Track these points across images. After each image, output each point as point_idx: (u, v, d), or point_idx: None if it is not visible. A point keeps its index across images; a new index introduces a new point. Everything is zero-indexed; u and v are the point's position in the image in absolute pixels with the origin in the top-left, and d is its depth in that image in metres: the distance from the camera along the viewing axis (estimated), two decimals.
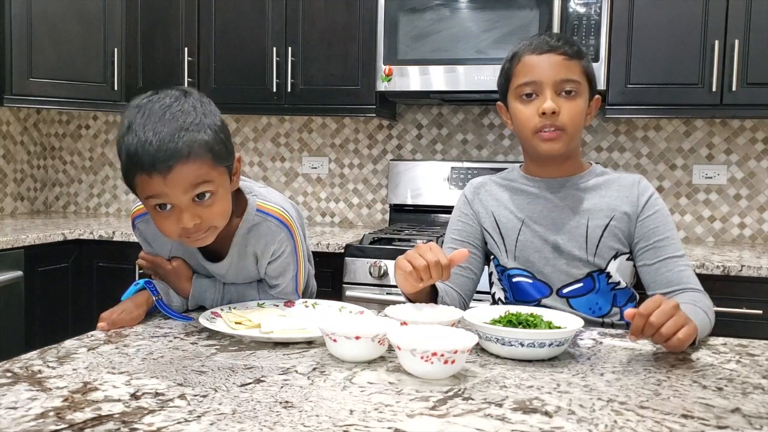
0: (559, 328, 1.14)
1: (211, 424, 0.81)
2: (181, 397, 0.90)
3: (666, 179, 2.89)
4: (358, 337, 1.05)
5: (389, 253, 2.46)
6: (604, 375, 1.03)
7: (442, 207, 3.00)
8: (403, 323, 1.16)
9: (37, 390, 0.92)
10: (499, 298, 1.54)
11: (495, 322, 1.17)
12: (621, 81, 2.54)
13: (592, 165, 1.50)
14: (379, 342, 1.07)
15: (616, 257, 1.43)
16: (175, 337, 1.20)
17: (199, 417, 0.83)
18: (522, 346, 1.08)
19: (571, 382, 1.00)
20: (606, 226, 1.43)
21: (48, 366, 1.02)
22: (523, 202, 1.49)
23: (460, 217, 1.56)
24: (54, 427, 0.79)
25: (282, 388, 0.94)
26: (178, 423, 0.81)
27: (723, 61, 2.45)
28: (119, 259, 2.75)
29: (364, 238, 2.58)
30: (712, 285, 1.52)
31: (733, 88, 2.43)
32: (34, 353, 1.08)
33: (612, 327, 1.42)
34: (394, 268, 1.29)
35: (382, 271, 2.44)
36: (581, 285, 1.44)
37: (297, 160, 3.30)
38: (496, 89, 1.51)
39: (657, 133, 2.89)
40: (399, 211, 3.09)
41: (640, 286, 1.48)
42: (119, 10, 3.03)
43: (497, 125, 3.06)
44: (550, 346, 1.09)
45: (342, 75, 2.82)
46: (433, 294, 1.38)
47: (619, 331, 1.31)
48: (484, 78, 2.58)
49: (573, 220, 1.44)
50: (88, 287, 2.82)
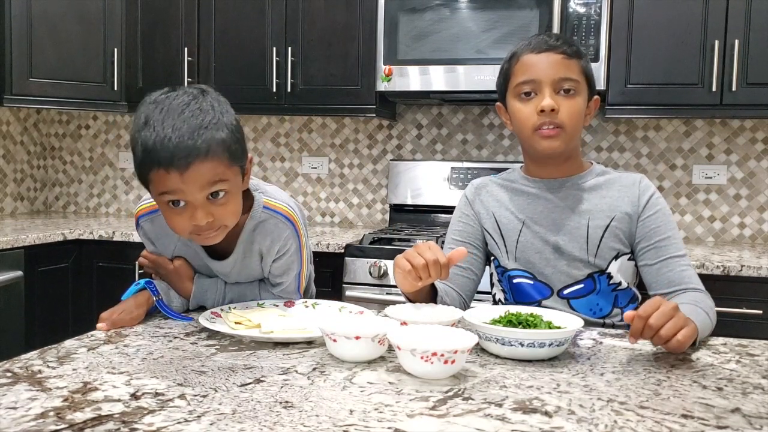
0: (559, 328, 1.14)
1: (211, 424, 0.81)
2: (181, 397, 0.90)
3: (666, 179, 2.89)
4: (358, 337, 1.05)
5: (389, 253, 2.46)
6: (604, 375, 1.03)
7: (442, 207, 3.00)
8: (403, 323, 1.16)
9: (37, 390, 0.92)
10: (500, 299, 1.54)
11: (495, 322, 1.17)
12: (621, 81, 2.54)
13: (592, 165, 1.50)
14: (379, 342, 1.07)
15: (617, 258, 1.43)
16: (175, 337, 1.20)
17: (199, 417, 0.83)
18: (522, 346, 1.08)
19: (571, 382, 1.00)
20: (607, 226, 1.42)
21: (48, 366, 1.02)
22: (523, 203, 1.49)
23: (460, 218, 1.56)
24: (54, 427, 0.79)
25: (282, 388, 0.94)
26: (178, 423, 0.81)
27: (723, 61, 2.45)
28: (119, 259, 2.75)
29: (364, 238, 2.58)
30: (712, 285, 1.51)
31: (733, 88, 2.43)
32: (34, 353, 1.08)
33: (613, 328, 1.42)
34: (393, 267, 1.29)
35: (382, 271, 2.44)
36: (582, 286, 1.43)
37: (297, 160, 3.30)
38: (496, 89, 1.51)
39: (657, 133, 2.89)
40: (399, 211, 3.09)
41: (643, 287, 1.48)
42: (119, 10, 3.03)
43: (497, 125, 3.06)
44: (550, 346, 1.09)
45: (342, 75, 2.82)
46: (432, 294, 1.38)
47: (619, 331, 1.31)
48: (484, 78, 2.58)
49: (574, 220, 1.44)
50: (88, 287, 2.82)
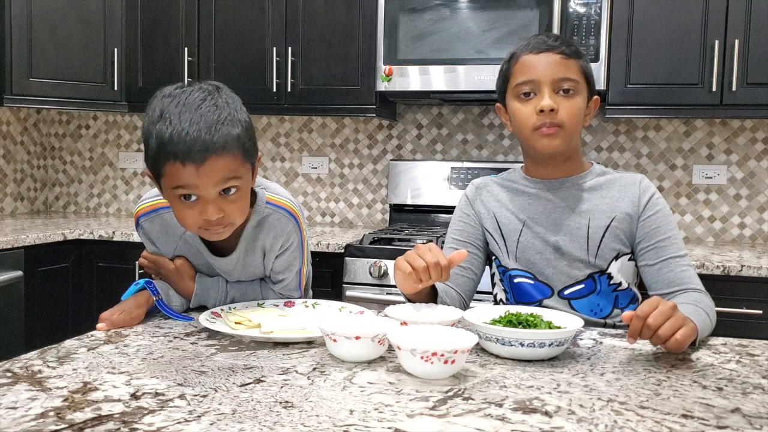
0: (559, 328, 1.14)
1: (211, 424, 0.81)
2: (181, 397, 0.90)
3: (666, 179, 2.89)
4: (358, 337, 1.05)
5: (389, 253, 2.46)
6: (604, 375, 1.03)
7: (442, 207, 3.00)
8: (403, 323, 1.16)
9: (37, 390, 0.92)
10: (501, 299, 1.54)
11: (495, 322, 1.17)
12: (621, 81, 2.54)
13: (592, 165, 1.50)
14: (379, 342, 1.07)
15: (617, 258, 1.43)
16: (175, 337, 1.20)
17: (199, 417, 0.83)
18: (522, 346, 1.08)
19: (571, 382, 1.00)
20: (607, 226, 1.42)
21: (48, 366, 1.02)
22: (524, 203, 1.48)
23: (461, 218, 1.56)
24: (54, 427, 0.79)
25: (282, 388, 0.94)
26: (178, 423, 0.81)
27: (723, 61, 2.45)
28: (119, 259, 2.75)
29: (364, 238, 2.58)
30: (712, 285, 1.51)
31: (733, 88, 2.43)
32: (34, 353, 1.08)
33: (614, 328, 1.42)
34: (393, 269, 1.29)
35: (382, 271, 2.44)
36: (582, 286, 1.43)
37: (297, 160, 3.30)
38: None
39: (657, 133, 2.89)
40: (399, 211, 3.09)
41: (643, 287, 1.47)
42: (119, 10, 3.03)
43: (497, 125, 3.06)
44: (550, 346, 1.09)
45: (342, 75, 2.82)
46: (432, 294, 1.38)
47: (620, 332, 1.31)
48: (484, 78, 2.58)
49: (574, 220, 1.44)
50: (88, 287, 2.82)
